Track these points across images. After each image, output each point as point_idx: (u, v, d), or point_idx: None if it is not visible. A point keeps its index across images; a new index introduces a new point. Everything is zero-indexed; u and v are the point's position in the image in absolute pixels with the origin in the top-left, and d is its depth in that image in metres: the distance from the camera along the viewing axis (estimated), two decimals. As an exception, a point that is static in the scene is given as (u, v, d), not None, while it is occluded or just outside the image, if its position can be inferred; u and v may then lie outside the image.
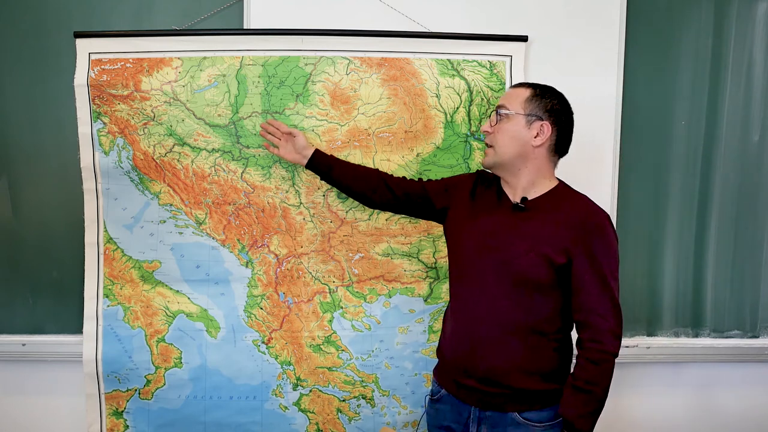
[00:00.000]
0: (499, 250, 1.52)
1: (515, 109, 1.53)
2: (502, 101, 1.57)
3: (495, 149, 1.55)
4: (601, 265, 1.47)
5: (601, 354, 1.46)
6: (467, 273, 1.57)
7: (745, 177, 2.11)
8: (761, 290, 2.16)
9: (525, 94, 1.54)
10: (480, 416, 1.54)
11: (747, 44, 2.08)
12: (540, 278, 1.48)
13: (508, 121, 1.53)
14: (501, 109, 1.55)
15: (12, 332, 2.04)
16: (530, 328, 1.50)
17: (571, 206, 1.52)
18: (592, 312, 1.47)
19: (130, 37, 1.83)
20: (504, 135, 1.53)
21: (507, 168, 1.56)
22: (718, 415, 2.22)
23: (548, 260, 1.47)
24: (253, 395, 1.93)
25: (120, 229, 1.89)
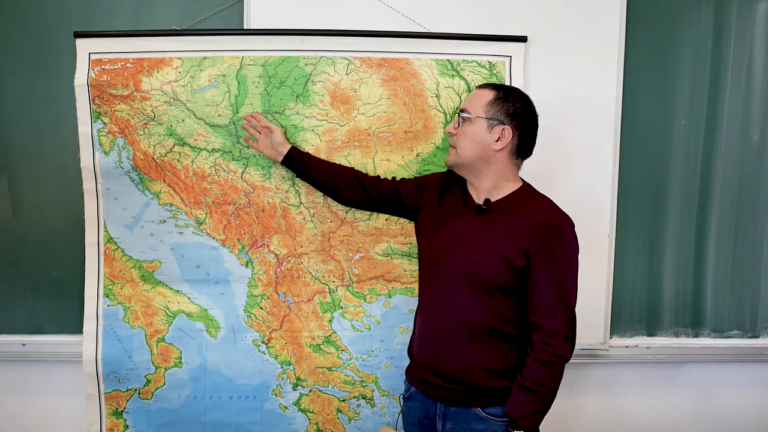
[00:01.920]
0: (461, 252, 1.55)
1: (476, 113, 1.55)
2: (465, 104, 1.59)
3: (457, 150, 1.58)
4: (558, 268, 1.49)
5: (552, 356, 1.48)
6: (432, 273, 1.61)
7: (745, 177, 2.11)
8: (761, 290, 2.16)
9: (488, 97, 1.55)
10: (445, 412, 1.58)
11: (747, 44, 2.08)
12: (500, 280, 1.51)
13: (470, 125, 1.55)
14: (463, 112, 1.57)
15: (12, 332, 2.04)
16: (491, 328, 1.53)
17: (533, 209, 1.54)
18: (545, 314, 1.49)
19: (130, 37, 1.83)
20: (465, 138, 1.56)
21: (469, 170, 1.59)
22: (718, 415, 2.22)
23: (508, 262, 1.50)
24: (253, 395, 1.93)
25: (120, 229, 1.90)
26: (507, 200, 1.56)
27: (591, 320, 2.06)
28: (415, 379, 1.66)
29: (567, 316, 1.49)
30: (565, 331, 1.49)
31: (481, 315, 1.53)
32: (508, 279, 1.50)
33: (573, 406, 2.17)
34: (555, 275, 1.49)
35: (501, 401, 1.54)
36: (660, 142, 2.08)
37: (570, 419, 2.18)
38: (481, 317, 1.53)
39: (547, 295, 1.49)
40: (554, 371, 1.49)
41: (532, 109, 1.58)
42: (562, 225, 1.51)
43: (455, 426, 1.57)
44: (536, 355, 1.49)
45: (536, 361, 1.49)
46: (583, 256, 2.01)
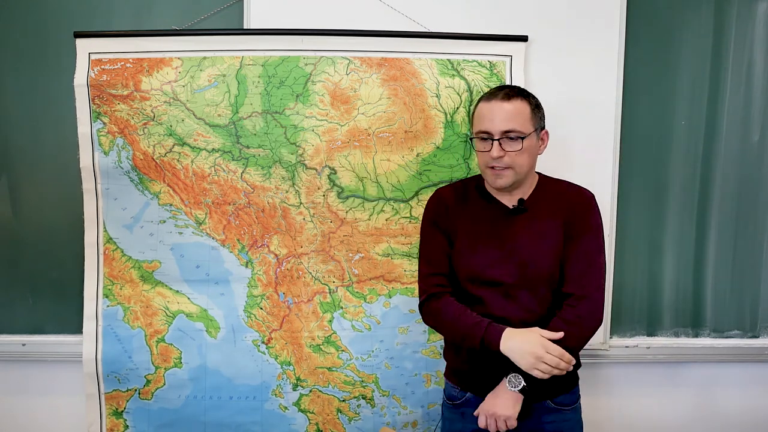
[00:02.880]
0: (512, 257, 1.55)
1: (528, 129, 1.52)
2: (510, 126, 1.50)
3: (515, 170, 1.52)
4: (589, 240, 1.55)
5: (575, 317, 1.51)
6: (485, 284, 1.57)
7: (745, 177, 2.11)
8: (761, 290, 2.16)
9: (527, 110, 1.53)
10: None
11: (747, 44, 2.07)
12: (555, 272, 1.55)
13: (525, 143, 1.51)
14: (513, 133, 1.50)
15: (12, 332, 2.04)
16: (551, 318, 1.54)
17: (561, 192, 1.60)
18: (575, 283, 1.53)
19: (130, 37, 1.83)
20: (524, 156, 1.52)
21: (519, 182, 1.57)
22: (718, 415, 2.22)
23: (557, 249, 1.54)
24: (253, 395, 1.93)
25: (120, 229, 1.90)
26: (536, 194, 1.59)
27: (591, 320, 2.06)
28: (474, 384, 1.60)
29: (595, 284, 1.53)
30: (594, 298, 1.52)
31: (542, 308, 1.55)
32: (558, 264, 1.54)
33: (573, 406, 2.17)
34: (586, 247, 1.54)
35: (567, 388, 1.58)
36: (660, 142, 2.08)
37: (570, 419, 2.18)
38: (542, 310, 1.54)
39: (579, 266, 1.53)
40: (573, 331, 1.49)
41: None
42: (591, 200, 1.59)
43: (527, 422, 1.54)
44: (560, 312, 1.52)
45: (559, 319, 1.51)
46: (583, 256, 2.02)
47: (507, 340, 1.47)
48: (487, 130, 1.51)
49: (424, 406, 1.96)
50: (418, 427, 1.97)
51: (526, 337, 1.47)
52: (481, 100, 1.57)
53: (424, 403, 1.96)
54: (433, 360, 1.95)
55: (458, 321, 1.54)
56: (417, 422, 1.97)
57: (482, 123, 1.53)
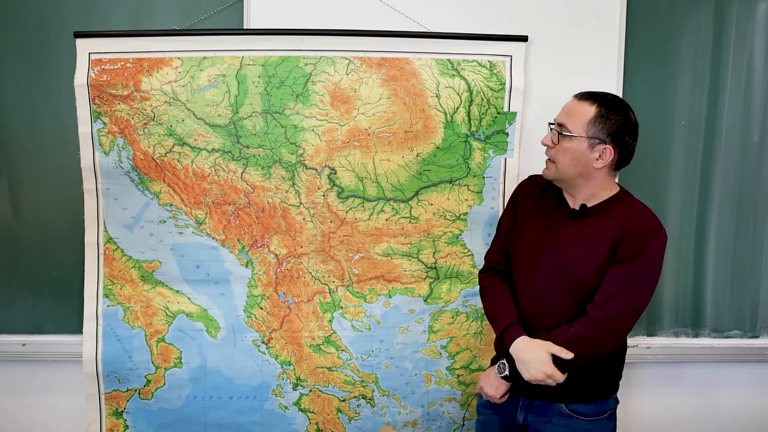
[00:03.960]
0: (555, 257, 1.55)
1: (577, 132, 1.49)
2: (563, 119, 1.52)
3: (557, 166, 1.54)
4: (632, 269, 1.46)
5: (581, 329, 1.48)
6: (523, 275, 1.61)
7: (745, 177, 2.11)
8: (761, 290, 2.16)
9: (589, 114, 1.49)
10: (528, 404, 1.60)
11: (747, 44, 2.07)
12: (592, 284, 1.51)
13: (570, 141, 1.50)
14: (562, 129, 1.51)
15: (12, 332, 2.04)
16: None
17: (628, 212, 1.52)
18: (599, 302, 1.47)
19: (130, 37, 1.83)
20: (565, 155, 1.51)
21: (568, 183, 1.57)
22: (718, 415, 2.22)
23: (600, 267, 1.50)
24: (253, 395, 1.93)
25: (120, 229, 1.90)
26: (603, 205, 1.55)
27: (591, 320, 2.06)
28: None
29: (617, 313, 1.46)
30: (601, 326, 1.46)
31: (570, 314, 1.53)
32: (597, 280, 1.50)
33: (573, 406, 2.17)
34: (626, 275, 1.46)
35: (586, 399, 1.57)
36: (660, 142, 2.08)
37: (570, 419, 2.18)
38: (570, 316, 1.53)
39: (610, 289, 1.47)
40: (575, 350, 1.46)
41: (633, 121, 1.54)
42: (653, 232, 1.49)
43: (537, 419, 1.59)
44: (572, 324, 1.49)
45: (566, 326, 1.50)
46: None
47: (517, 349, 1.52)
48: (554, 119, 1.57)
49: (424, 406, 1.96)
50: (418, 427, 1.97)
51: (534, 355, 1.49)
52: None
53: (424, 403, 1.96)
54: (433, 360, 1.95)
55: (494, 305, 1.64)
56: (417, 422, 1.97)
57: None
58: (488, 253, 1.75)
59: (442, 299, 1.95)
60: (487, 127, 1.90)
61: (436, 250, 1.93)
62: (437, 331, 1.95)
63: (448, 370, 1.97)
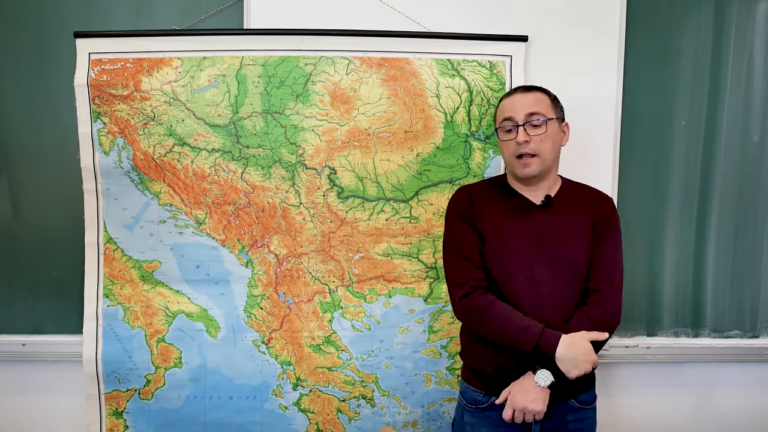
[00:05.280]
0: (548, 251, 1.55)
1: (550, 114, 1.56)
2: (533, 108, 1.54)
3: (540, 157, 1.55)
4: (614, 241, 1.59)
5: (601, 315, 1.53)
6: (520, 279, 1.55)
7: (745, 177, 2.11)
8: (761, 290, 2.16)
9: (547, 100, 1.58)
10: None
11: (747, 44, 2.07)
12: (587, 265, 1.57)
13: (552, 126, 1.56)
14: (537, 116, 1.54)
15: (12, 332, 2.04)
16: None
17: (586, 193, 1.64)
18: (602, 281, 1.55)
19: (130, 37, 1.83)
20: (548, 141, 1.55)
21: (543, 173, 1.58)
22: (718, 415, 2.22)
23: (589, 248, 1.57)
24: (253, 395, 1.93)
25: (120, 229, 1.90)
26: (561, 193, 1.61)
27: (591, 320, 2.06)
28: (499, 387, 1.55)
29: (619, 285, 1.57)
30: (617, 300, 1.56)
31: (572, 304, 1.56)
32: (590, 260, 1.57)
33: (573, 406, 2.17)
34: (611, 246, 1.58)
35: (587, 387, 1.59)
36: (660, 142, 2.08)
37: (570, 419, 2.18)
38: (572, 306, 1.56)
39: (606, 263, 1.56)
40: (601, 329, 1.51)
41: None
42: (612, 203, 1.64)
43: (553, 423, 1.55)
44: (585, 308, 1.54)
45: (583, 312, 1.54)
46: (583, 256, 2.01)
47: (564, 349, 1.47)
48: (511, 116, 1.56)
49: (424, 405, 1.96)
50: (418, 427, 1.97)
51: (581, 348, 1.48)
52: (501, 99, 1.63)
53: (424, 402, 1.96)
54: (433, 360, 1.95)
55: (508, 322, 1.50)
56: (417, 422, 1.97)
57: (504, 112, 1.58)
58: (462, 275, 1.58)
59: (442, 299, 1.95)
60: (487, 127, 1.90)
61: (436, 250, 1.93)
62: (437, 331, 1.95)
63: (448, 370, 1.97)
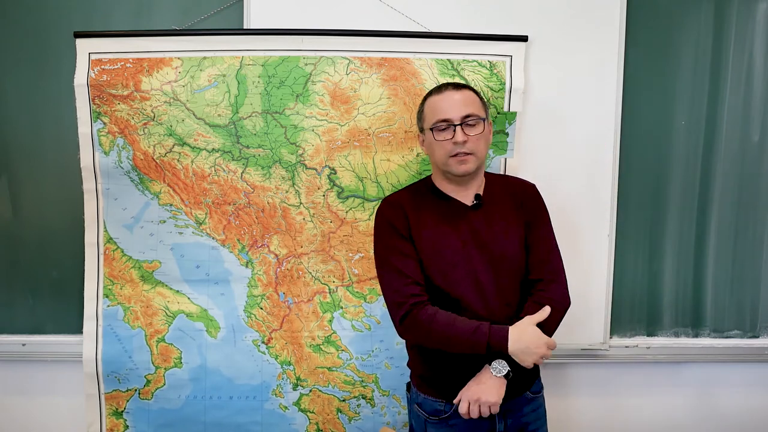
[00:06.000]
0: (487, 253, 1.56)
1: (482, 114, 1.57)
2: (469, 109, 1.54)
3: (476, 155, 1.55)
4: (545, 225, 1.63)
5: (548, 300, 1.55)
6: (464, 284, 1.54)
7: (745, 177, 2.11)
8: (761, 290, 2.16)
9: (478, 99, 1.58)
10: (503, 410, 1.53)
11: (747, 44, 2.07)
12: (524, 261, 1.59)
13: (480, 127, 1.55)
14: (473, 117, 1.54)
15: (12, 332, 2.04)
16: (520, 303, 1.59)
17: (508, 184, 1.67)
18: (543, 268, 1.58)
19: (130, 37, 1.83)
20: (482, 140, 1.56)
21: (476, 172, 1.59)
22: (718, 415, 2.22)
23: (523, 242, 1.59)
24: (253, 395, 1.93)
25: (120, 229, 1.90)
26: (488, 189, 1.63)
27: (591, 320, 2.06)
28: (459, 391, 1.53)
29: (559, 268, 1.61)
30: (561, 281, 1.60)
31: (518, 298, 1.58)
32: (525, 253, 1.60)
33: (573, 406, 2.17)
34: (544, 233, 1.62)
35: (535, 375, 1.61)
36: (660, 142, 2.08)
37: (570, 419, 2.18)
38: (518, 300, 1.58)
39: (542, 251, 1.60)
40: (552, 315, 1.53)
41: None
42: (536, 189, 1.67)
43: (514, 419, 1.57)
44: (533, 298, 1.56)
45: (531, 302, 1.55)
46: (583, 256, 2.02)
47: (514, 342, 1.46)
48: (447, 118, 1.53)
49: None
50: None
51: (530, 336, 1.48)
52: (429, 96, 1.60)
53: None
54: (433, 360, 1.95)
55: (454, 329, 1.47)
56: None
57: (439, 113, 1.55)
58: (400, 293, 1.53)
59: (442, 299, 1.95)
60: (487, 127, 1.90)
61: (436, 250, 1.93)
62: (437, 331, 1.95)
63: (448, 370, 1.97)
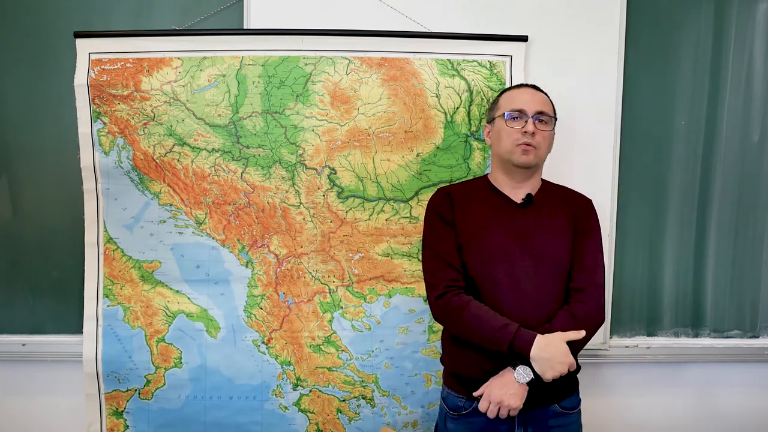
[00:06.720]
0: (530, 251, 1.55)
1: (553, 116, 1.61)
2: (541, 107, 1.58)
3: (538, 151, 1.58)
4: (594, 240, 1.62)
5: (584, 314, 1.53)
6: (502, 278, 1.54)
7: (745, 177, 2.11)
8: (761, 290, 2.16)
9: (550, 104, 1.62)
10: (525, 416, 1.52)
11: (747, 44, 2.07)
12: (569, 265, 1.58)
13: (550, 127, 1.59)
14: (544, 115, 1.58)
15: (12, 332, 2.04)
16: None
17: (565, 193, 1.67)
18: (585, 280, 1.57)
19: (130, 37, 1.83)
20: (547, 140, 1.59)
21: (534, 169, 1.61)
22: (718, 415, 2.22)
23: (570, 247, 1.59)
24: (253, 395, 1.93)
25: (120, 229, 1.90)
26: (541, 192, 1.64)
27: (591, 320, 2.06)
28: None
29: (602, 283, 1.59)
30: (599, 295, 1.57)
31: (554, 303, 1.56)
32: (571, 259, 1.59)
33: (573, 406, 2.17)
34: (592, 245, 1.61)
35: (569, 392, 1.58)
36: (660, 142, 2.08)
37: (570, 419, 2.18)
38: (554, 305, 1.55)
39: (587, 262, 1.58)
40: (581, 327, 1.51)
41: None
42: (591, 203, 1.67)
43: (536, 428, 1.54)
44: (568, 307, 1.54)
45: (566, 312, 1.53)
46: (583, 256, 2.01)
47: (539, 349, 1.45)
48: (522, 108, 1.57)
49: (424, 406, 1.96)
50: (418, 427, 1.97)
51: (557, 350, 1.46)
52: (508, 90, 1.65)
53: (424, 403, 1.96)
54: (433, 360, 1.95)
55: (483, 321, 1.49)
56: (417, 422, 1.97)
57: (516, 103, 1.59)
58: (436, 275, 1.57)
59: (442, 299, 1.95)
60: (487, 127, 1.90)
61: (436, 250, 1.93)
62: (437, 331, 1.95)
63: (448, 370, 1.97)
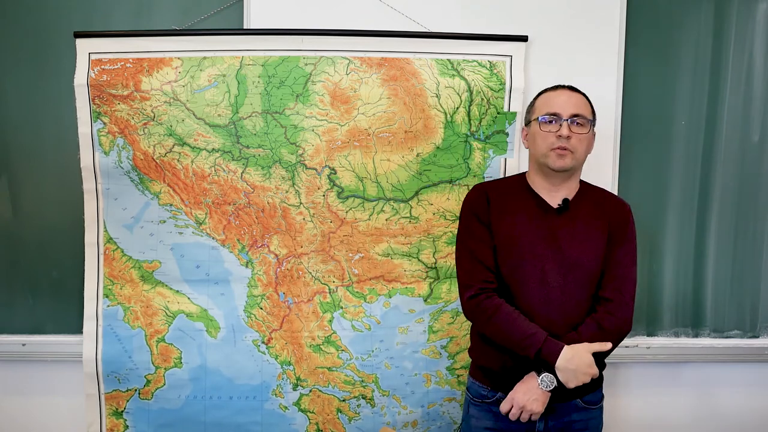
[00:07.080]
0: (561, 255, 1.55)
1: (590, 117, 1.58)
2: (579, 109, 1.56)
3: (575, 155, 1.55)
4: (629, 249, 1.60)
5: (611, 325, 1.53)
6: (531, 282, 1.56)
7: (745, 177, 2.11)
8: (761, 290, 2.16)
9: (588, 105, 1.59)
10: (547, 410, 1.53)
11: (747, 44, 2.07)
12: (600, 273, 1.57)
13: (587, 129, 1.57)
14: (580, 117, 1.55)
15: (12, 332, 2.04)
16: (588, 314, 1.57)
17: (603, 198, 1.64)
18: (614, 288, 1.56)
19: (130, 37, 1.83)
20: (584, 142, 1.57)
21: (570, 173, 1.59)
22: (718, 415, 2.22)
23: (601, 255, 1.57)
24: (253, 395, 1.93)
25: (120, 229, 1.90)
26: (579, 197, 1.61)
27: (591, 320, 2.06)
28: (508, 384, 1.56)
29: (632, 294, 1.57)
30: (629, 309, 1.56)
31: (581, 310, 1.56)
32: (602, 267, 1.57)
33: (573, 406, 2.17)
34: (625, 255, 1.58)
35: (593, 387, 1.58)
36: (660, 142, 2.08)
37: (570, 419, 2.18)
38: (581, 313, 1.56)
39: (619, 272, 1.57)
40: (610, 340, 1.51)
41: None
42: (629, 211, 1.64)
43: (557, 422, 1.57)
44: (596, 316, 1.54)
45: (594, 321, 1.53)
46: (583, 256, 2.01)
47: (565, 361, 1.47)
48: (557, 112, 1.55)
49: (424, 405, 1.96)
50: (418, 427, 1.97)
51: (582, 361, 1.48)
52: (545, 92, 1.62)
53: (424, 402, 1.96)
54: (433, 360, 1.95)
55: (513, 326, 1.51)
56: (417, 422, 1.97)
57: (550, 106, 1.57)
58: (471, 275, 1.59)
59: (442, 299, 1.95)
60: (487, 127, 1.90)
61: (436, 250, 1.93)
62: (437, 331, 1.95)
63: (448, 370, 1.97)
